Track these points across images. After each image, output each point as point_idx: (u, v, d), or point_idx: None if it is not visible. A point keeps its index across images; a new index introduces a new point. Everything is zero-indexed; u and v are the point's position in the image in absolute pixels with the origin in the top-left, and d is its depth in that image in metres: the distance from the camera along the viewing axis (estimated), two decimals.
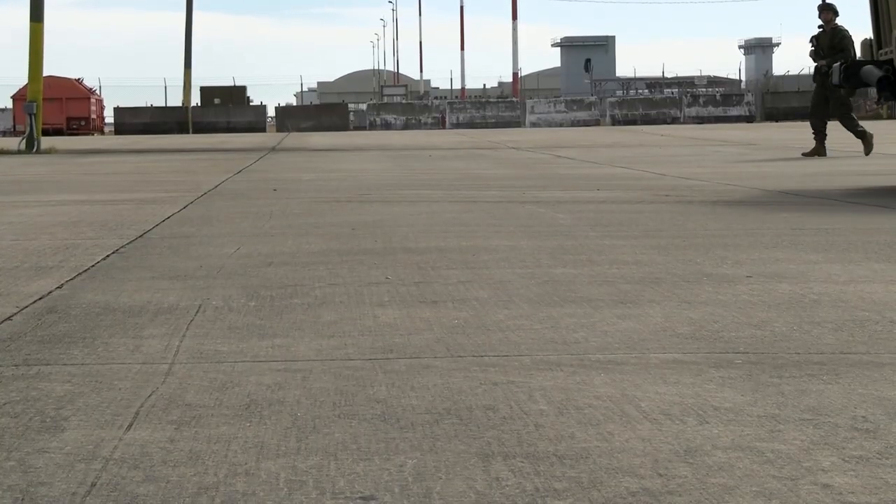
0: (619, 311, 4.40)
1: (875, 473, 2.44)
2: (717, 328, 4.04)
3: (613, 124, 50.98)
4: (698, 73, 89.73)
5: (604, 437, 2.73)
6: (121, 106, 57.83)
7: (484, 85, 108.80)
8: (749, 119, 52.06)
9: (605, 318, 4.24)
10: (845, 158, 16.90)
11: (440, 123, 53.39)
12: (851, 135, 17.55)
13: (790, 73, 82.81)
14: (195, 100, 59.42)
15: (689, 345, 3.77)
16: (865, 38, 10.91)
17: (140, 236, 7.21)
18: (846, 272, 5.33)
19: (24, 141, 27.37)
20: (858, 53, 11.05)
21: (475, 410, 2.97)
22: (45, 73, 28.98)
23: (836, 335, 3.90)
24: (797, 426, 2.80)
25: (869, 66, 10.07)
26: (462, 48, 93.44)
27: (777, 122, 49.36)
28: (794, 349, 3.68)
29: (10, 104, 61.46)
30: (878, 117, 47.36)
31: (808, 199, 9.63)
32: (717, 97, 54.64)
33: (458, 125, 52.44)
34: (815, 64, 17.57)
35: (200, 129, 53.82)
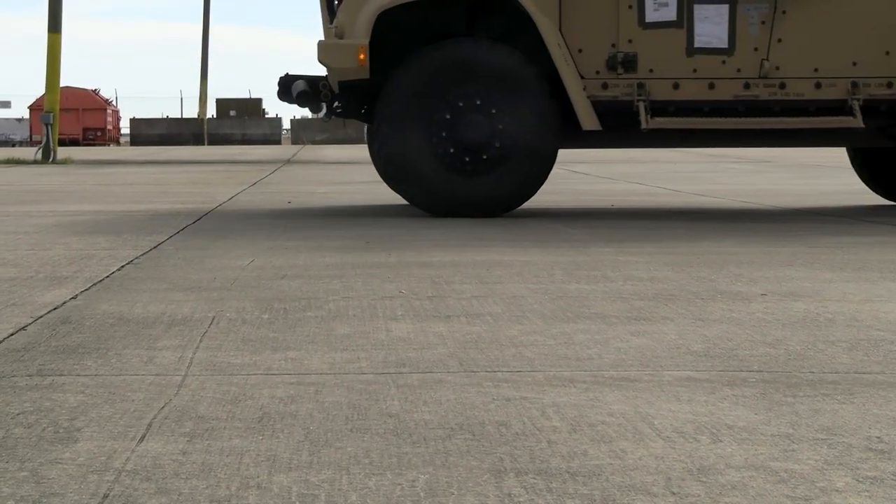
0: (633, 327, 4.39)
1: (889, 495, 2.43)
2: (732, 346, 4.03)
3: None
4: None
5: (616, 454, 2.72)
6: (137, 117, 58.09)
7: None
8: None
9: (619, 335, 4.23)
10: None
11: None
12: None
13: None
14: (211, 111, 59.66)
15: (702, 363, 3.76)
16: None
17: (155, 247, 7.22)
18: (861, 291, 5.32)
19: (41, 151, 27.48)
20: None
21: (488, 426, 2.97)
22: (62, 83, 29.10)
23: (850, 354, 3.89)
24: (811, 446, 2.79)
25: (299, 82, 9.98)
26: None
27: None
28: (809, 368, 3.67)
29: (27, 114, 61.71)
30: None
31: (824, 217, 9.61)
32: None
33: None
34: None
35: (216, 140, 53.98)
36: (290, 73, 10.17)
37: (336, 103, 9.88)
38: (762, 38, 9.58)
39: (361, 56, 9.42)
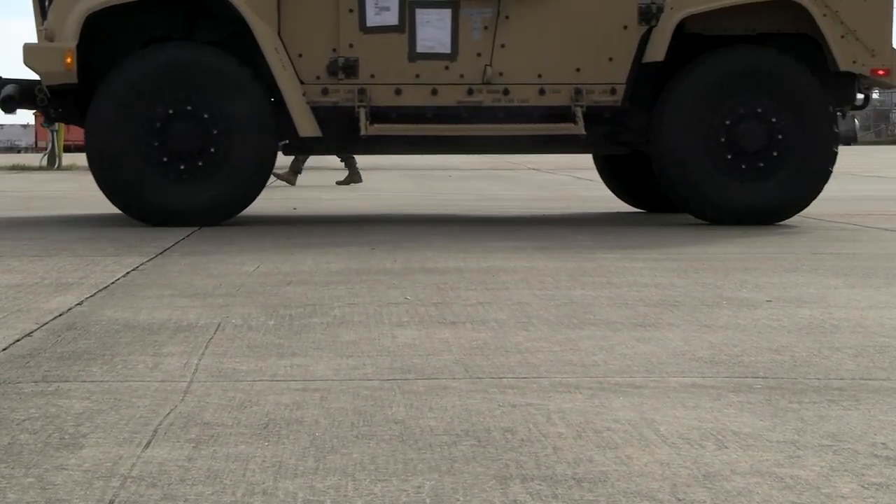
0: (639, 334, 4.39)
1: (895, 501, 2.42)
2: (737, 352, 4.03)
3: None
4: None
5: (622, 460, 2.72)
6: None
7: None
8: None
9: (624, 341, 4.23)
10: (866, 181, 16.85)
11: None
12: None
13: None
14: None
15: (708, 369, 3.76)
16: None
17: (160, 253, 7.23)
18: (867, 297, 5.32)
19: (46, 157, 27.52)
20: None
21: (493, 432, 2.97)
22: None
23: (856, 361, 3.89)
24: (816, 452, 2.79)
25: (8, 86, 9.57)
26: None
27: None
28: (814, 374, 3.67)
29: (32, 120, 61.83)
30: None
31: (829, 223, 9.60)
32: None
33: None
34: None
35: None
36: (2, 76, 9.91)
37: (59, 108, 9.57)
38: (485, 44, 9.44)
39: (69, 59, 9.11)
